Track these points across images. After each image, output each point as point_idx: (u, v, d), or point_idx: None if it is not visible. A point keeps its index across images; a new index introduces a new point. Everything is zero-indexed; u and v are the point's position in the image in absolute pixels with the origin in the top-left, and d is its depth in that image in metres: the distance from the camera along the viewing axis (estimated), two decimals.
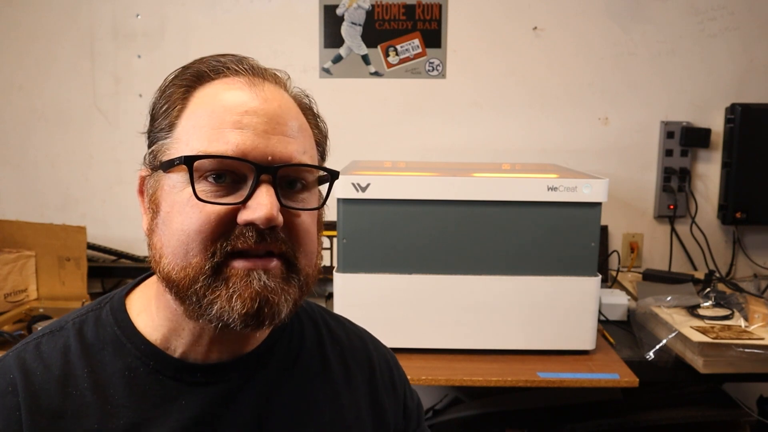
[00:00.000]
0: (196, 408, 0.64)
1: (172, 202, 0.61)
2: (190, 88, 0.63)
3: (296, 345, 0.74)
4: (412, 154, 1.97)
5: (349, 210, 1.36)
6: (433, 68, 1.93)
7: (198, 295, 0.59)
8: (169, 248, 0.60)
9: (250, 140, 0.59)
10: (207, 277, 0.58)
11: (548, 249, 1.38)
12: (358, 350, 0.78)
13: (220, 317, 0.58)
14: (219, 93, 0.62)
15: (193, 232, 0.58)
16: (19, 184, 2.01)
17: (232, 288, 0.58)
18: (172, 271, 0.60)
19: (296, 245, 0.62)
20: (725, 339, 1.33)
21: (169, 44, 1.91)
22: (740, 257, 1.99)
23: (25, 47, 1.95)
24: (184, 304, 0.61)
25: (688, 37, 1.91)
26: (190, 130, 0.61)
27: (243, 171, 0.60)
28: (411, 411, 0.82)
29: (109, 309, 0.68)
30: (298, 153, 0.61)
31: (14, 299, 1.71)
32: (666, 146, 1.94)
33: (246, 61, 0.66)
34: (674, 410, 1.59)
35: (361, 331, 0.83)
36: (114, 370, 0.63)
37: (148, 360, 0.64)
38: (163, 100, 0.64)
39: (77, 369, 0.63)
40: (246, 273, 0.59)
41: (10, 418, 0.60)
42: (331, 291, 1.60)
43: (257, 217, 0.57)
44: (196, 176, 0.59)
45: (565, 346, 1.41)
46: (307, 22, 1.92)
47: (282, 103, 0.63)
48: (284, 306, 0.60)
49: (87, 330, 0.66)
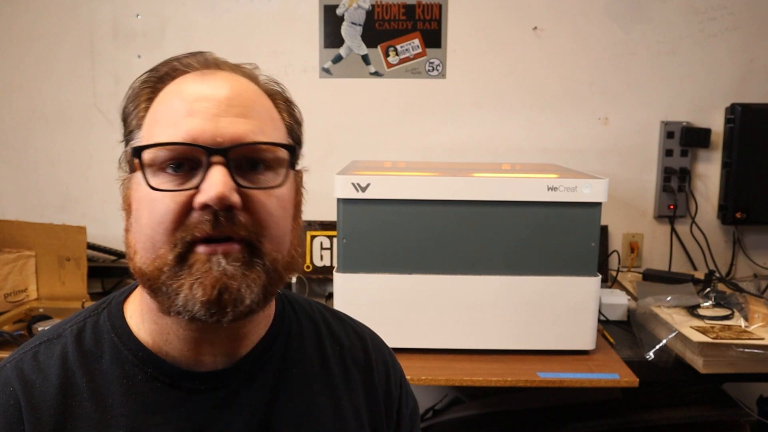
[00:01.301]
0: (196, 416, 0.63)
1: (139, 198, 0.61)
2: (155, 90, 0.64)
3: (295, 345, 0.72)
4: (412, 154, 1.97)
5: (349, 210, 1.36)
6: (433, 68, 1.93)
7: (166, 285, 0.58)
8: (140, 243, 0.60)
9: (199, 125, 0.59)
10: (171, 267, 0.58)
11: (548, 249, 1.38)
12: (357, 350, 0.77)
13: (185, 306, 0.57)
14: (175, 88, 0.62)
15: (156, 223, 0.58)
16: (19, 184, 2.01)
17: (194, 275, 0.57)
18: (143, 266, 0.60)
19: (259, 228, 0.60)
20: (725, 339, 1.33)
21: (169, 44, 1.91)
22: (740, 257, 1.99)
23: (25, 47, 1.95)
24: (157, 299, 0.60)
25: (688, 37, 1.91)
26: (151, 127, 0.62)
27: (197, 157, 0.59)
28: (404, 418, 0.80)
29: (107, 315, 0.67)
30: (252, 133, 0.60)
31: (14, 299, 1.71)
32: (666, 146, 1.94)
33: (202, 55, 0.66)
34: (674, 410, 1.59)
35: (362, 329, 0.81)
36: (112, 378, 0.63)
37: (146, 367, 0.64)
38: (131, 104, 0.65)
39: (76, 378, 0.63)
40: (207, 258, 0.58)
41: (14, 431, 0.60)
42: (331, 291, 1.60)
43: (209, 198, 0.56)
44: (154, 169, 0.59)
45: (565, 346, 1.41)
46: (307, 22, 1.92)
47: (235, 86, 0.62)
48: (247, 292, 0.58)
49: (85, 337, 0.65)
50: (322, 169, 1.95)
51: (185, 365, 0.64)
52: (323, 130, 1.96)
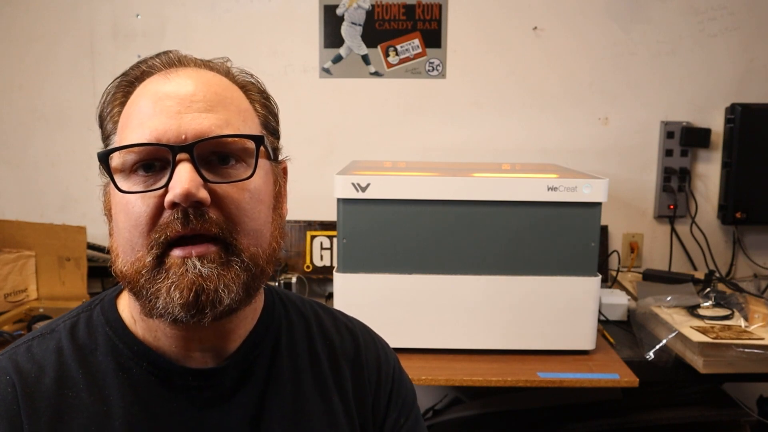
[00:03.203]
0: (188, 412, 0.64)
1: (116, 203, 0.61)
2: (128, 92, 0.64)
3: (285, 340, 0.72)
4: (412, 154, 1.97)
5: (349, 210, 1.36)
6: (433, 68, 1.93)
7: (145, 289, 0.58)
8: (120, 247, 0.61)
9: (162, 124, 0.58)
10: (149, 270, 0.58)
11: (548, 249, 1.38)
12: (348, 345, 0.77)
13: (165, 309, 0.57)
14: (143, 91, 0.62)
15: (131, 226, 0.58)
16: (19, 184, 2.01)
17: (171, 278, 0.57)
18: (124, 269, 0.60)
19: (232, 224, 0.59)
20: (725, 339, 1.33)
21: (169, 44, 1.91)
22: (740, 257, 1.99)
23: (25, 47, 1.95)
24: (140, 302, 0.60)
25: (688, 37, 1.91)
26: (122, 131, 0.62)
27: (164, 156, 0.58)
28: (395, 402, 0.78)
29: (100, 310, 0.68)
30: (217, 127, 0.59)
31: (14, 299, 1.71)
32: (666, 146, 1.94)
33: (167, 54, 0.65)
34: (674, 410, 1.58)
35: (354, 325, 0.81)
36: (108, 370, 0.63)
37: (141, 361, 0.64)
38: (106, 107, 0.65)
39: (72, 370, 0.63)
40: (182, 262, 0.57)
41: (13, 421, 0.60)
42: (331, 291, 1.60)
43: (175, 195, 0.56)
44: (126, 173, 0.59)
45: (565, 346, 1.41)
46: (307, 22, 1.92)
47: (198, 82, 0.61)
48: (225, 292, 0.58)
49: (79, 331, 0.66)
50: (322, 169, 1.97)
51: (176, 361, 0.65)
52: (323, 130, 1.96)
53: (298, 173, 2.01)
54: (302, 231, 1.95)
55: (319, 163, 1.96)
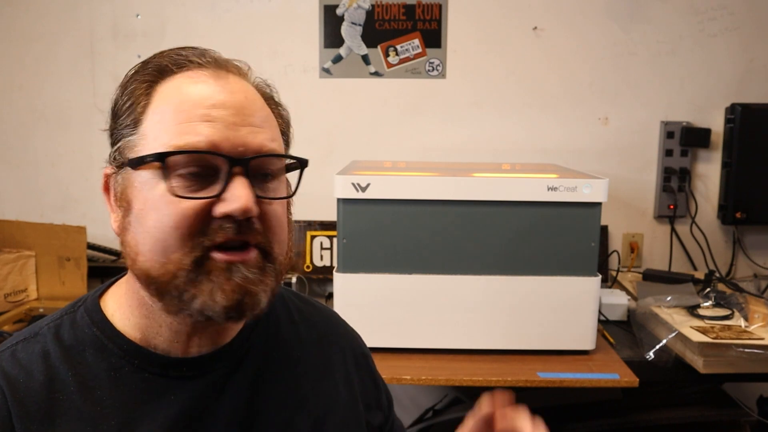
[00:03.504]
0: (185, 402, 0.64)
1: (144, 199, 0.60)
2: (153, 83, 0.63)
3: (273, 331, 0.74)
4: (412, 154, 1.97)
5: (349, 210, 1.36)
6: (433, 68, 1.93)
7: (179, 290, 0.59)
8: (146, 245, 0.59)
9: (220, 133, 0.59)
10: (188, 272, 0.58)
11: (548, 249, 1.38)
12: (331, 332, 0.81)
13: (202, 311, 0.59)
14: (183, 86, 0.61)
15: (169, 228, 0.58)
16: (19, 184, 2.01)
17: (213, 281, 0.59)
18: (151, 269, 0.59)
19: (270, 235, 0.62)
20: (725, 339, 1.33)
21: (169, 44, 1.89)
22: (740, 257, 1.99)
23: (25, 47, 1.95)
24: (163, 300, 0.60)
25: (688, 37, 1.91)
26: (156, 125, 0.60)
27: (215, 164, 0.59)
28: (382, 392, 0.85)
29: (84, 311, 0.67)
30: (268, 142, 0.62)
31: (14, 299, 1.71)
32: (666, 146, 1.94)
33: (208, 53, 0.65)
34: (674, 410, 1.58)
35: (329, 313, 0.85)
36: (99, 371, 0.63)
37: (132, 359, 0.64)
38: (125, 96, 0.63)
39: (61, 373, 0.62)
40: (227, 267, 0.59)
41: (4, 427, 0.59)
42: (331, 291, 1.60)
43: (234, 209, 0.58)
44: (168, 172, 0.59)
45: (565, 346, 1.41)
46: (307, 22, 1.92)
47: (248, 94, 0.63)
48: (263, 296, 0.61)
49: (64, 333, 0.65)
50: (322, 169, 1.96)
51: (172, 355, 0.65)
52: (323, 130, 1.96)
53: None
54: (302, 231, 1.95)
55: (319, 163, 1.96)
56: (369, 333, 1.40)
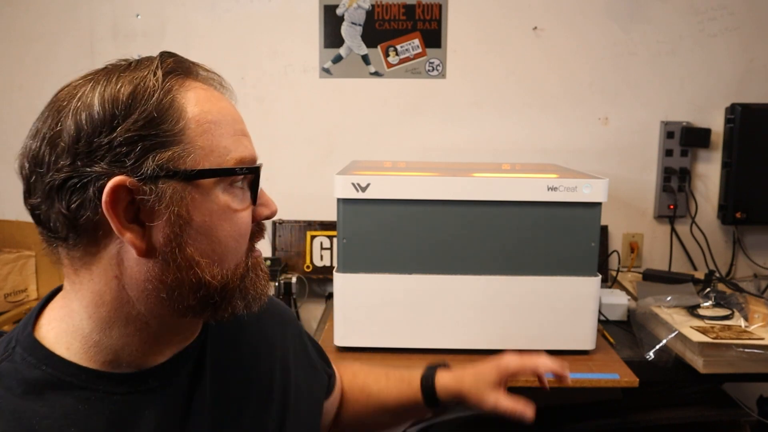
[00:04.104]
0: (159, 412, 0.64)
1: (209, 211, 0.61)
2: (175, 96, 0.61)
3: (216, 324, 0.74)
4: (412, 154, 1.97)
5: (349, 210, 1.36)
6: (433, 68, 1.93)
7: (239, 289, 0.65)
8: (215, 255, 0.62)
9: (251, 145, 0.67)
10: (247, 272, 0.66)
11: (548, 249, 1.38)
12: (268, 309, 0.84)
13: (252, 302, 0.66)
14: (213, 100, 0.63)
15: (239, 236, 0.64)
16: (19, 184, 2.00)
17: (259, 275, 0.68)
18: (219, 276, 0.62)
19: None
20: (725, 339, 1.33)
21: (169, 44, 1.91)
22: (740, 257, 1.99)
23: (25, 47, 1.95)
24: (218, 305, 0.63)
25: (688, 37, 1.91)
26: (205, 136, 0.60)
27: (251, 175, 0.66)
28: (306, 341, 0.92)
29: (23, 351, 0.61)
30: None
31: (14, 299, 1.71)
32: (666, 146, 1.94)
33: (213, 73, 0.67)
34: (674, 410, 1.58)
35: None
36: (66, 408, 0.58)
37: (96, 385, 0.61)
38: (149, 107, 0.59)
39: (29, 424, 0.56)
40: (259, 261, 0.69)
41: None
42: (331, 291, 1.60)
43: (272, 212, 0.68)
44: (225, 184, 0.62)
45: (565, 346, 1.41)
46: (307, 22, 1.92)
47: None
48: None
49: (11, 382, 0.58)
50: (322, 169, 1.97)
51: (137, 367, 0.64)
52: (323, 130, 1.96)
53: (298, 173, 2.02)
54: (302, 231, 1.95)
55: (319, 163, 1.96)
56: (369, 333, 1.41)
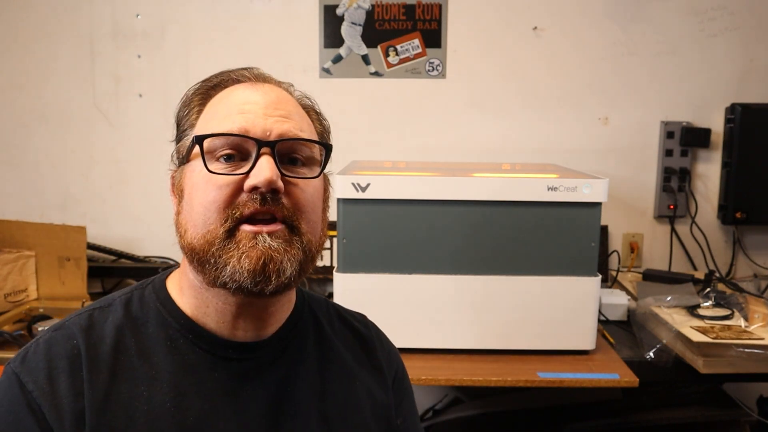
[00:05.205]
0: (226, 380, 0.72)
1: (192, 183, 0.70)
2: (207, 96, 0.74)
3: (312, 331, 0.81)
4: (412, 154, 1.97)
5: (349, 210, 1.36)
6: (433, 68, 1.93)
7: (215, 257, 0.67)
8: (191, 222, 0.69)
9: (251, 120, 0.68)
10: (221, 240, 0.66)
11: (548, 249, 1.38)
12: (371, 346, 0.87)
13: (233, 277, 0.66)
14: (228, 94, 0.73)
15: (209, 203, 0.67)
16: (19, 184, 2.01)
17: (241, 249, 0.66)
18: (194, 241, 0.68)
19: (297, 212, 0.69)
20: (725, 339, 1.33)
21: (169, 44, 1.91)
22: (740, 257, 1.99)
23: (25, 47, 1.95)
24: (204, 271, 0.68)
25: (688, 37, 1.91)
26: (204, 123, 0.72)
27: (247, 148, 0.68)
28: (406, 392, 0.91)
29: (152, 288, 0.77)
30: (295, 129, 0.70)
31: (14, 299, 1.71)
32: (666, 146, 1.94)
33: (252, 70, 0.76)
34: (674, 410, 1.59)
35: (363, 318, 0.93)
36: (158, 340, 0.72)
37: (187, 333, 0.72)
38: (184, 108, 0.75)
39: (126, 338, 0.71)
40: (253, 236, 0.66)
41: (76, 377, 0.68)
42: (331, 291, 1.60)
43: (259, 181, 0.66)
44: (209, 158, 0.68)
45: (565, 346, 1.41)
46: (307, 22, 1.92)
47: (280, 96, 0.73)
48: (288, 264, 0.67)
49: (132, 305, 0.75)
50: None
51: (220, 335, 0.73)
52: None
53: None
54: None
55: None
56: None
